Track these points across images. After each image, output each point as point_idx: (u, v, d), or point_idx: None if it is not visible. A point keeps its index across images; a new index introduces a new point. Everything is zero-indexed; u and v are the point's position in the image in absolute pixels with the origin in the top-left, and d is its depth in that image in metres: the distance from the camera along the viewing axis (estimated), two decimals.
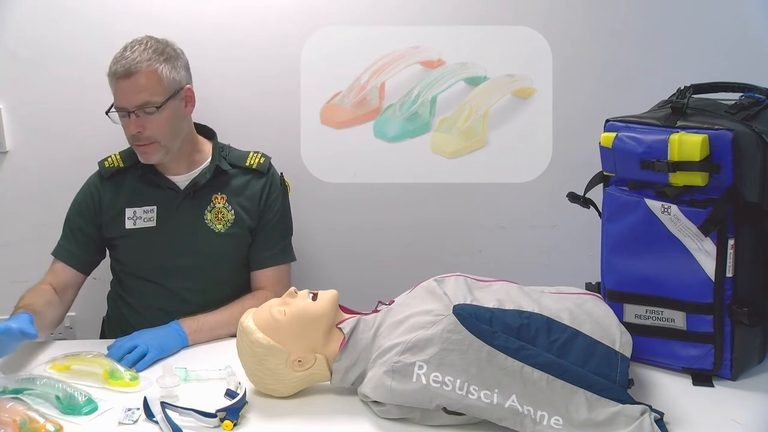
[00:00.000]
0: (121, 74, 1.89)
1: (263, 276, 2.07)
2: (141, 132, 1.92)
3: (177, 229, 2.02)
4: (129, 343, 1.80)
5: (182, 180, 2.05)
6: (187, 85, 2.01)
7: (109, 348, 1.82)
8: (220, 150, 2.09)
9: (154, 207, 2.03)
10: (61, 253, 2.04)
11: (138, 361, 1.76)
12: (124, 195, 2.04)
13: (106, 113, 1.96)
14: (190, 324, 1.90)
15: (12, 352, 1.68)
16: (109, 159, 2.07)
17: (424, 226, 2.44)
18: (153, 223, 2.02)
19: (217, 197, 2.04)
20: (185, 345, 1.88)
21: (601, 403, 1.45)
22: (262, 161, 2.09)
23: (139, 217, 2.03)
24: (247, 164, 2.08)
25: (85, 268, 2.07)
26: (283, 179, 2.13)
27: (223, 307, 1.97)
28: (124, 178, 2.06)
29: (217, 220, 2.03)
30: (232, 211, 2.04)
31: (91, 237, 2.06)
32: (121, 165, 2.06)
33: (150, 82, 1.91)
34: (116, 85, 1.92)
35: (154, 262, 2.03)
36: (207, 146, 2.10)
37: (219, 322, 1.93)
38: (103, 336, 2.18)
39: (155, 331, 1.87)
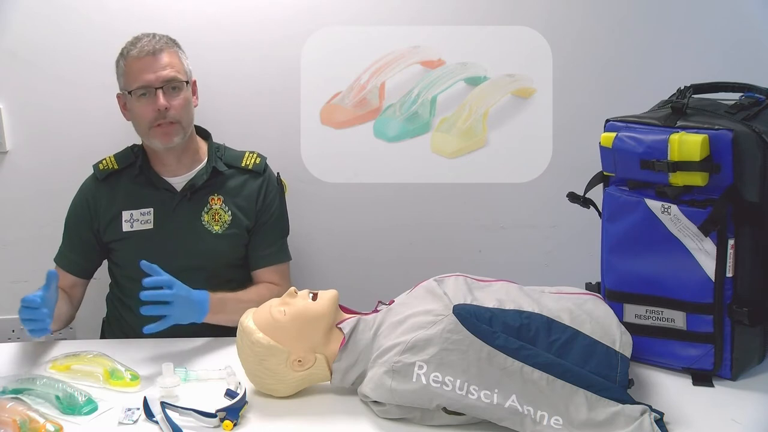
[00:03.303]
0: (147, 52, 1.93)
1: (264, 275, 2.06)
2: (168, 108, 1.92)
3: (174, 231, 2.02)
4: (164, 306, 1.74)
5: (178, 181, 2.04)
6: (194, 79, 2.04)
7: (146, 268, 1.77)
8: (215, 150, 2.08)
9: (151, 209, 2.02)
10: (60, 260, 2.08)
11: (155, 321, 1.73)
12: (120, 198, 2.04)
13: (129, 92, 1.94)
14: (215, 304, 1.85)
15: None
16: (104, 161, 2.07)
17: (424, 226, 2.44)
18: (150, 225, 2.02)
19: (213, 198, 2.04)
20: (198, 322, 1.84)
21: (601, 403, 1.45)
22: (258, 161, 2.09)
23: (136, 220, 2.02)
24: (243, 164, 2.07)
25: (86, 273, 2.10)
26: (280, 179, 2.13)
27: (241, 291, 1.95)
28: (119, 180, 2.05)
29: (214, 221, 2.02)
30: (229, 212, 2.03)
31: (89, 243, 2.07)
32: (116, 167, 2.06)
33: (174, 61, 1.97)
34: (140, 64, 1.93)
35: (152, 263, 2.02)
36: (204, 146, 2.10)
37: (237, 308, 1.81)
38: (103, 336, 2.18)
39: (188, 298, 1.79)
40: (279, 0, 2.29)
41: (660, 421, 1.44)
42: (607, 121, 1.74)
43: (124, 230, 2.02)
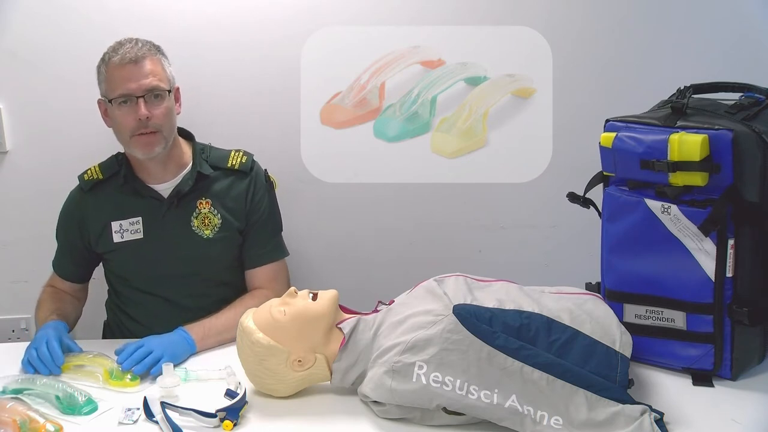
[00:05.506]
0: (129, 59, 1.89)
1: (259, 274, 2.05)
2: (149, 118, 1.89)
3: (165, 238, 1.99)
4: (142, 349, 1.76)
5: (165, 188, 2.01)
6: (177, 85, 2.01)
7: (117, 353, 1.77)
8: (200, 151, 2.05)
9: (140, 218, 2.00)
10: (58, 268, 2.10)
11: (153, 366, 1.73)
12: (107, 208, 2.01)
13: (110, 101, 1.92)
14: (197, 331, 1.87)
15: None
16: (89, 172, 2.05)
17: (424, 226, 2.44)
18: (140, 235, 2.00)
19: (202, 203, 2.01)
20: (193, 352, 1.85)
21: (601, 403, 1.45)
22: (244, 160, 2.05)
23: (126, 230, 2.00)
24: (229, 165, 2.04)
25: (85, 277, 2.12)
26: (268, 176, 2.10)
27: (225, 308, 1.95)
28: (105, 190, 2.03)
29: (204, 225, 2.00)
30: (219, 215, 2.01)
31: (82, 253, 2.07)
32: (101, 177, 2.03)
33: (156, 69, 1.93)
34: (121, 71, 1.90)
35: (146, 272, 2.01)
36: (188, 150, 2.06)
37: (225, 325, 1.89)
38: (104, 337, 2.18)
39: (164, 338, 1.82)
40: (279, 0, 2.29)
41: (660, 421, 1.44)
42: (607, 121, 1.74)
43: (115, 241, 2.00)
